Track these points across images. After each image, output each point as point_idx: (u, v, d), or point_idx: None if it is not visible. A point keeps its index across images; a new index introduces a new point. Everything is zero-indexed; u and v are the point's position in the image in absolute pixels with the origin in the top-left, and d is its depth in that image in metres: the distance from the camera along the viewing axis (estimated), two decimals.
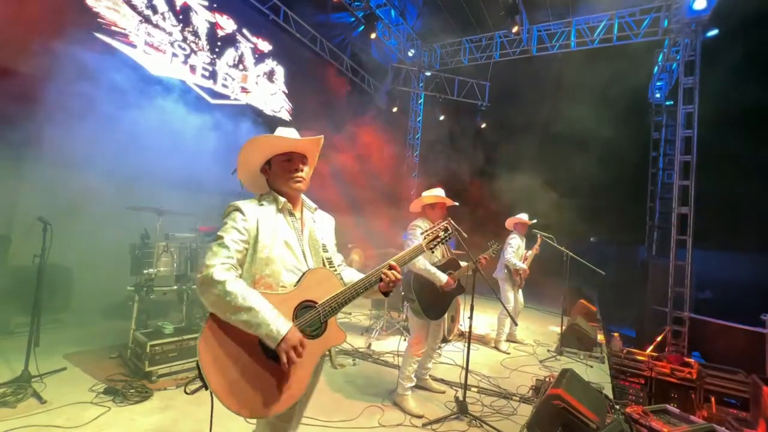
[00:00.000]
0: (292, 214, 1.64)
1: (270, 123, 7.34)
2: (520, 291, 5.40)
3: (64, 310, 4.62)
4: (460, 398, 3.16)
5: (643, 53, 8.28)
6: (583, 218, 9.15)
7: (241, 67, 6.82)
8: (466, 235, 3.45)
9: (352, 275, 1.77)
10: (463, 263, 3.46)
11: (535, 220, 5.35)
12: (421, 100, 11.12)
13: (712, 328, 5.94)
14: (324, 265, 1.64)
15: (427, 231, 1.84)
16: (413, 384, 3.30)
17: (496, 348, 5.15)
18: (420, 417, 3.06)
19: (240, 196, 1.71)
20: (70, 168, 4.13)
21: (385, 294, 1.66)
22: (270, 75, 7.46)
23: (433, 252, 1.93)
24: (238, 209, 1.52)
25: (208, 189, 5.92)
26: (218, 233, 1.48)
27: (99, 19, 4.81)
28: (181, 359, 3.39)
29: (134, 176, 4.86)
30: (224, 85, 6.50)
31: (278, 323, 1.36)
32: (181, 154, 4.91)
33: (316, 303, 1.51)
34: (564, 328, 5.37)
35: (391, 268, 1.62)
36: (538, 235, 5.32)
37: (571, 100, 8.42)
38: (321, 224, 1.76)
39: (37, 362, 2.98)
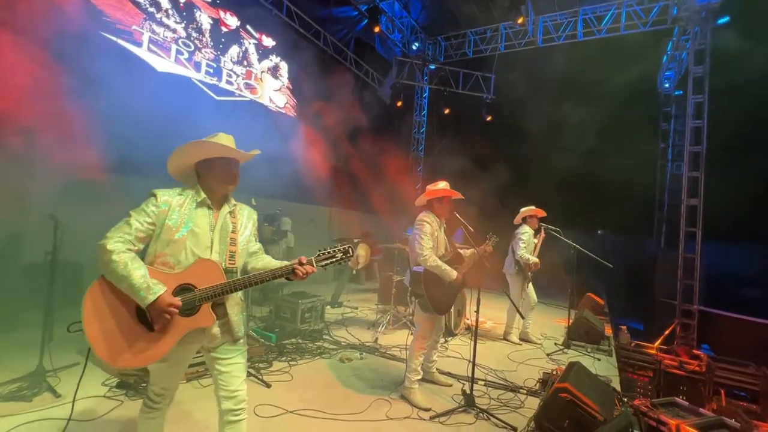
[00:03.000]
0: (210, 208, 1.84)
1: (274, 119, 7.35)
2: (531, 287, 5.23)
3: (76, 305, 4.70)
4: (467, 391, 3.18)
5: (652, 42, 8.14)
6: (591, 210, 9.08)
7: (245, 63, 6.83)
8: (472, 229, 3.45)
9: (265, 264, 1.94)
10: (466, 253, 3.46)
11: (543, 213, 5.22)
12: (426, 93, 11.05)
13: (721, 321, 5.89)
14: (226, 257, 1.82)
15: (326, 251, 1.94)
16: (420, 377, 3.32)
17: (507, 340, 5.14)
18: (427, 410, 3.08)
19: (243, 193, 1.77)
20: (77, 166, 4.18)
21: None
22: (274, 70, 7.46)
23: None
24: (153, 195, 1.77)
25: None
26: (130, 211, 1.72)
27: (104, 18, 4.83)
28: None
29: (141, 174, 4.92)
30: (229, 82, 6.51)
31: (151, 290, 1.59)
32: None
33: (196, 288, 1.72)
34: (571, 321, 5.35)
35: (302, 263, 1.85)
36: (542, 228, 5.25)
37: (578, 91, 8.33)
38: (239, 219, 1.92)
39: (51, 357, 3.04)
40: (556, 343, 5.12)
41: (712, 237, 6.18)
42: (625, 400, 3.31)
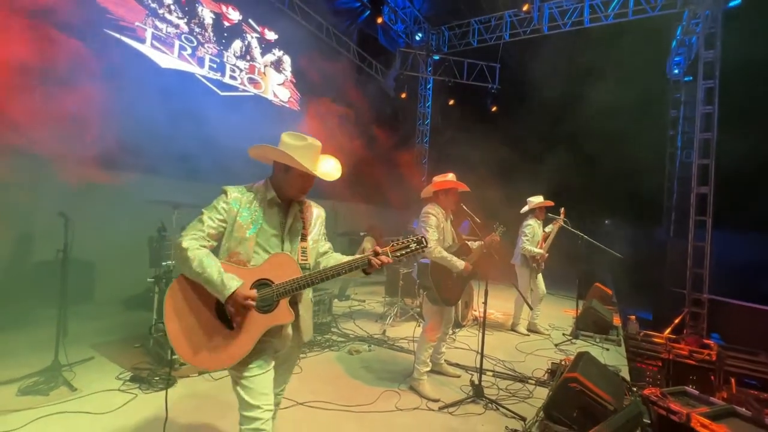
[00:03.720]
0: (278, 206, 1.81)
1: (278, 113, 7.34)
2: (541, 277, 5.20)
3: (88, 302, 4.78)
4: (476, 382, 3.19)
5: (661, 27, 7.96)
6: (599, 200, 9.00)
7: (248, 57, 6.80)
8: (479, 221, 3.43)
9: (337, 260, 1.91)
10: (473, 244, 3.45)
11: (552, 203, 5.15)
12: (430, 84, 10.95)
13: (731, 310, 5.84)
14: (298, 254, 1.80)
15: (400, 240, 1.85)
16: (429, 369, 3.34)
17: (514, 330, 5.14)
18: (436, 401, 3.10)
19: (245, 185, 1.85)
20: (85, 164, 4.22)
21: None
22: (277, 64, 7.43)
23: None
24: (223, 192, 1.76)
25: (219, 180, 5.99)
26: (203, 209, 1.72)
27: (108, 15, 4.83)
28: None
29: (149, 170, 4.95)
30: (232, 77, 6.49)
31: (228, 283, 1.57)
32: (191, 147, 4.97)
33: (273, 283, 1.69)
34: (579, 311, 5.33)
35: (377, 254, 1.79)
36: (559, 218, 5.15)
37: (584, 79, 8.19)
38: (307, 216, 1.90)
39: (66, 352, 3.09)
40: (564, 334, 5.11)
41: (723, 225, 6.10)
42: (635, 389, 3.30)
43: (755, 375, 4.45)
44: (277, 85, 7.40)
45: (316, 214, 1.95)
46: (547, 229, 5.22)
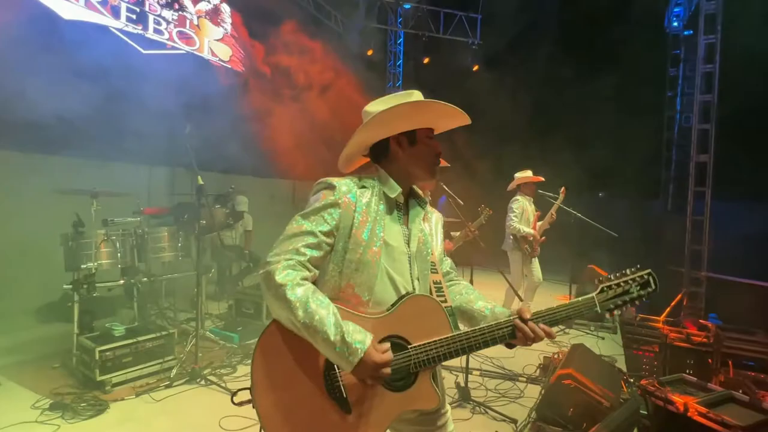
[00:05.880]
0: (400, 209, 1.44)
1: (219, 75, 7.02)
2: (537, 263, 5.31)
3: None
4: (462, 384, 3.30)
5: None
6: (590, 171, 9.31)
7: (176, 6, 6.40)
8: (462, 202, 3.47)
9: (470, 298, 1.52)
10: (455, 233, 3.50)
11: (542, 179, 5.23)
12: (401, 39, 10.78)
13: (729, 287, 6.30)
14: (431, 289, 1.42)
15: (609, 283, 1.42)
16: None
17: None
18: None
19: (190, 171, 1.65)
20: None
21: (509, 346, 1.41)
22: (214, 15, 7.05)
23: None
24: (329, 186, 1.34)
25: (149, 160, 5.73)
26: (297, 215, 1.31)
27: None
28: (138, 364, 3.41)
29: (55, 151, 4.63)
30: (157, 31, 6.11)
31: (354, 343, 1.17)
32: (109, 121, 4.68)
33: (409, 343, 1.30)
34: (572, 298, 5.57)
35: (525, 320, 1.32)
36: (555, 203, 5.25)
37: (573, 34, 8.32)
38: (432, 228, 1.54)
39: None
40: None
41: (722, 196, 6.48)
42: (632, 380, 3.53)
43: (753, 355, 4.85)
44: (214, 41, 7.05)
45: (435, 220, 1.58)
46: (539, 224, 5.26)
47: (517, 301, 4.31)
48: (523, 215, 5.11)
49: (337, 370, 1.24)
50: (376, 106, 1.41)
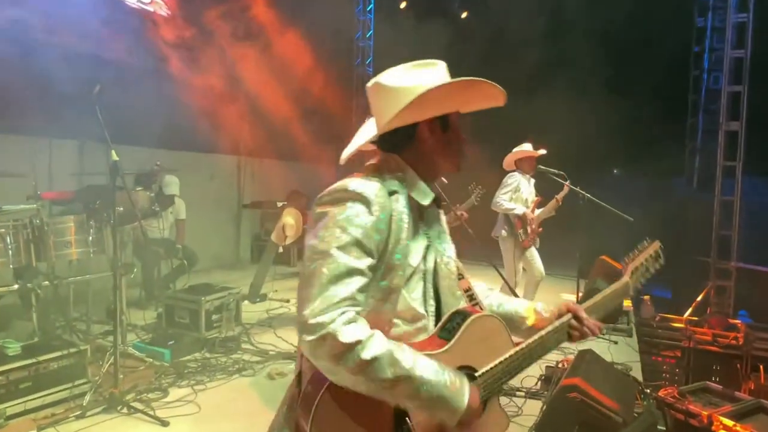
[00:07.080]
0: (422, 216, 1.43)
1: (138, 22, 6.76)
2: (536, 254, 5.40)
3: None
4: None
5: None
6: (603, 143, 9.50)
7: None
8: (446, 181, 3.48)
9: (488, 300, 1.63)
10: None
11: (543, 152, 5.31)
12: None
13: (763, 280, 6.58)
14: (465, 299, 1.49)
15: (636, 264, 1.72)
16: None
17: None
18: None
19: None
20: None
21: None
22: None
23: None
24: (361, 198, 1.20)
25: (48, 131, 5.51)
26: (333, 246, 1.15)
27: None
28: (40, 390, 3.31)
29: None
30: None
31: (461, 389, 1.18)
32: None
33: (475, 370, 1.32)
34: (581, 295, 5.72)
35: (581, 319, 1.48)
36: (564, 185, 5.31)
37: None
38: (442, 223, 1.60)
39: None
40: None
41: (757, 173, 6.73)
42: (648, 391, 3.66)
43: None
44: None
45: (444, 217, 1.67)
46: (538, 212, 5.36)
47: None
48: (516, 193, 5.19)
49: (409, 423, 1.21)
50: (402, 80, 1.32)
